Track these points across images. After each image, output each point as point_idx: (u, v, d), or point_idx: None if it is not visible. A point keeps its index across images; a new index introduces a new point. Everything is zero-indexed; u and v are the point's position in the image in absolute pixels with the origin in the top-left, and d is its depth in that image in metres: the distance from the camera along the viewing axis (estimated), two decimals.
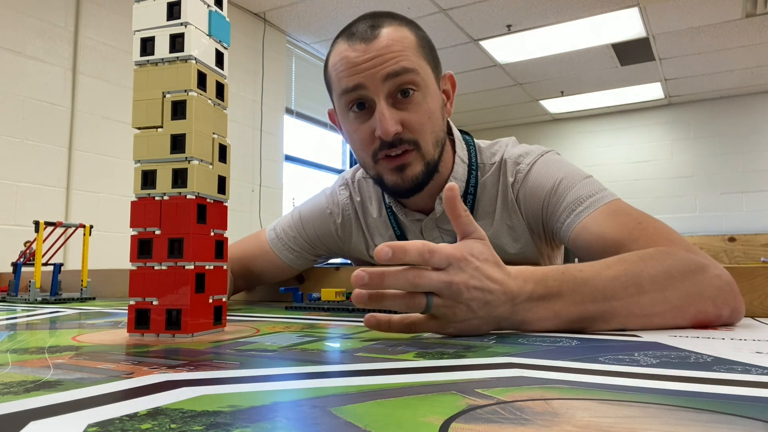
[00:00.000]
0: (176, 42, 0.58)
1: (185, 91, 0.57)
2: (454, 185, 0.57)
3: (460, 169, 0.94)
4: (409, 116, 0.84)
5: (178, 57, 0.58)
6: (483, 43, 4.33)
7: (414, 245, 0.51)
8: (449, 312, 0.53)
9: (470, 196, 0.94)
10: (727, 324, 0.63)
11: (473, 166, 0.95)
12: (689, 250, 0.66)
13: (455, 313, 0.53)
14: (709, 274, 0.62)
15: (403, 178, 0.87)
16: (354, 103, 0.86)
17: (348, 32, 0.86)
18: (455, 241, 0.95)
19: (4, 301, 1.10)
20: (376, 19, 0.86)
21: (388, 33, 0.84)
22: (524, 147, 0.96)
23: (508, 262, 0.97)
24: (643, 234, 0.71)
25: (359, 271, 0.50)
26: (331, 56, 0.89)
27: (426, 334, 0.57)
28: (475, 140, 1.00)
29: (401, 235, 1.00)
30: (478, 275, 0.53)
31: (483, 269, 0.54)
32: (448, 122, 0.96)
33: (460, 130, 0.99)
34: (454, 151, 0.95)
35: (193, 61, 0.58)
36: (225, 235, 0.62)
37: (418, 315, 0.55)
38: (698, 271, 0.62)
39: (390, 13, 0.88)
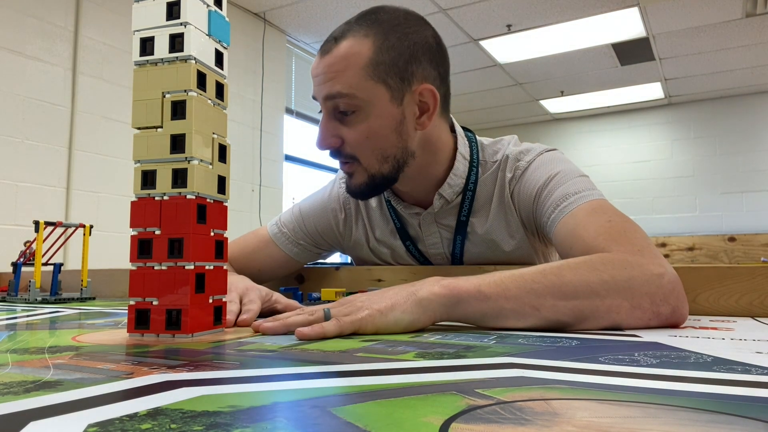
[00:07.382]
0: (176, 42, 0.58)
1: (185, 91, 0.57)
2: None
3: (461, 166, 0.94)
4: (348, 133, 0.86)
5: (177, 57, 0.58)
6: (483, 43, 4.33)
7: (296, 316, 0.61)
8: (351, 307, 0.60)
9: (469, 192, 0.94)
10: (672, 325, 0.63)
11: (474, 163, 0.95)
12: (638, 252, 0.66)
13: (357, 306, 0.60)
14: (647, 273, 0.63)
15: (349, 185, 0.92)
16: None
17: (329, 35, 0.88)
18: (453, 237, 0.97)
19: (4, 301, 1.10)
20: (350, 26, 0.86)
21: (341, 49, 0.84)
22: (526, 145, 0.97)
23: (503, 260, 0.97)
24: (606, 232, 0.72)
25: (266, 327, 0.59)
26: None
27: (426, 334, 0.57)
28: (478, 138, 1.00)
29: (401, 228, 1.00)
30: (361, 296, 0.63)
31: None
32: (451, 119, 0.96)
33: (463, 128, 1.00)
34: (456, 148, 0.95)
35: (193, 61, 0.58)
36: (225, 235, 0.62)
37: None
38: (633, 270, 0.63)
39: (369, 18, 0.86)
